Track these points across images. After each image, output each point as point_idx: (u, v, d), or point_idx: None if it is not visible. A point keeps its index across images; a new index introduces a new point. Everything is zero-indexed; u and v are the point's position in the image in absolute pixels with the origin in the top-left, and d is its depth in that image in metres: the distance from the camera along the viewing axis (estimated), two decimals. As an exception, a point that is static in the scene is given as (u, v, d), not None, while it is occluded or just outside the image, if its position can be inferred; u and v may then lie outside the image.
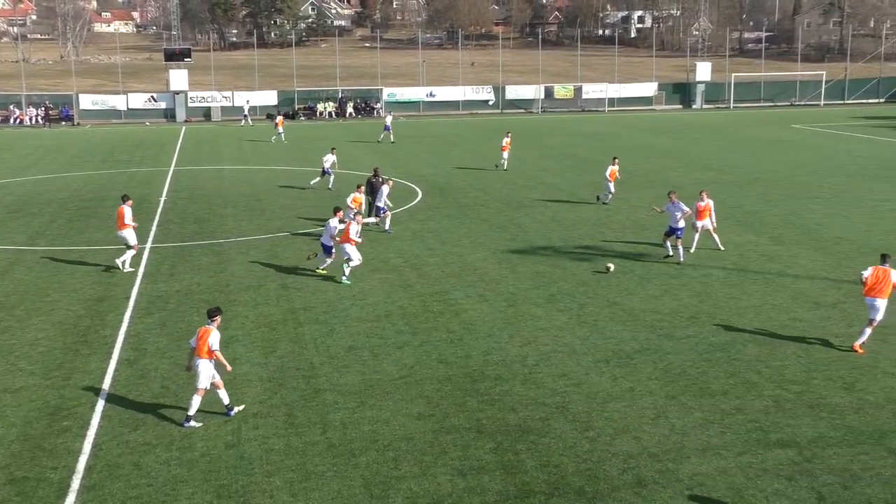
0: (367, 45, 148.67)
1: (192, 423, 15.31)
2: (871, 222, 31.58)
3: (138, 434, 15.08)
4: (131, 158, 52.97)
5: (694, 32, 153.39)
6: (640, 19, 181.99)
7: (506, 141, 46.21)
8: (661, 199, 35.90)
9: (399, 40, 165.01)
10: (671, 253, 26.46)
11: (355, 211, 28.01)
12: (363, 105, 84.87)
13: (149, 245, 28.98)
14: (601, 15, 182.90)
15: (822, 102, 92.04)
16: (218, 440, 14.83)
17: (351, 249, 24.33)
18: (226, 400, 15.70)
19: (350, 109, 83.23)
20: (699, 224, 27.22)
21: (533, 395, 16.55)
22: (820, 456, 14.03)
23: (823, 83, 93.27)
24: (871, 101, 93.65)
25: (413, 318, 21.36)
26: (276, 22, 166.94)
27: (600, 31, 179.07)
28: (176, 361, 18.35)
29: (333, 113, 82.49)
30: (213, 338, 15.37)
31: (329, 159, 39.99)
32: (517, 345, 19.38)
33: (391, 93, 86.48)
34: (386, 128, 60.82)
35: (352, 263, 24.53)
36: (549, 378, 17.41)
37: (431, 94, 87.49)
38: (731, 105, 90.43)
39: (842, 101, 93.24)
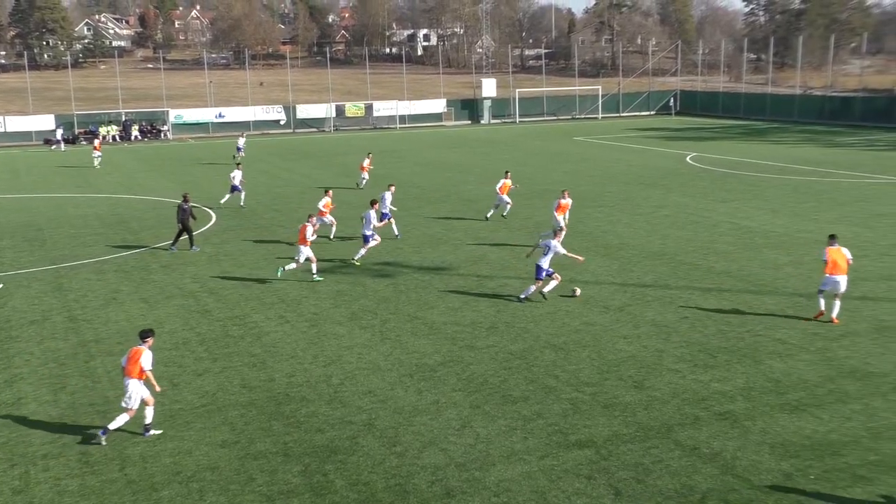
0: (150, 66, 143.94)
1: (104, 439, 15.32)
2: (650, 228, 33.50)
3: (-87, 489, 13.90)
4: None
5: (478, 50, 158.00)
6: (426, 37, 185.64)
7: (366, 161, 46.49)
8: (462, 209, 36.76)
9: (183, 61, 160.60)
10: (539, 291, 23.78)
11: (322, 221, 31.06)
12: (149, 128, 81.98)
13: (-84, 283, 26.80)
14: (388, 34, 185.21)
15: (600, 115, 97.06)
16: (3, 486, 13.88)
17: (306, 250, 25.89)
18: (149, 419, 15.63)
19: (135, 132, 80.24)
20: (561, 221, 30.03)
21: (339, 415, 16.49)
22: (615, 453, 14.73)
23: (600, 97, 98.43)
24: (643, 113, 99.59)
25: (213, 343, 20.81)
26: (48, 43, 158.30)
27: (388, 50, 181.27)
28: (-47, 407, 17.08)
29: (118, 136, 79.23)
30: (146, 358, 15.49)
31: (237, 175, 40.24)
32: (321, 365, 19.25)
33: (178, 115, 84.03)
34: (238, 148, 59.66)
35: (299, 263, 26.12)
36: (355, 396, 17.40)
37: (221, 116, 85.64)
38: (517, 119, 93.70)
39: (617, 114, 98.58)
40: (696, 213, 36.55)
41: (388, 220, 31.67)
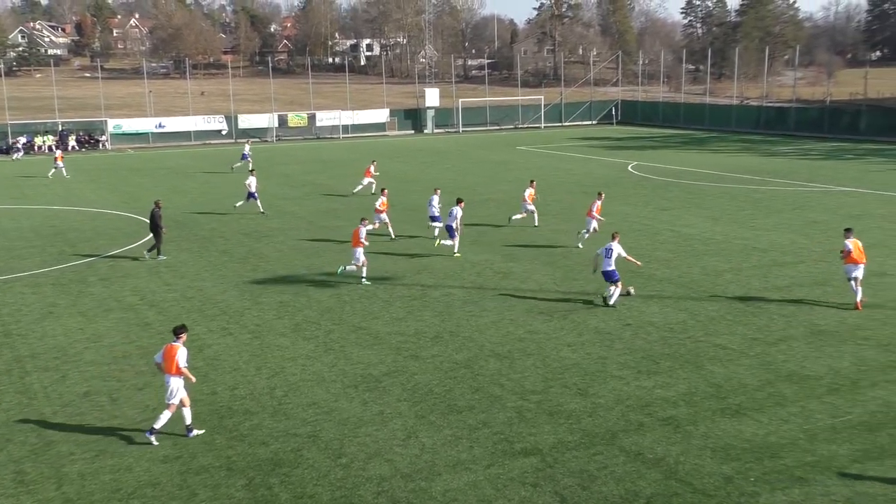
0: (88, 74, 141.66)
1: (153, 439, 15.61)
2: (593, 236, 33.67)
3: None
4: None
5: (421, 60, 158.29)
6: (369, 47, 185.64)
7: (371, 167, 47.44)
8: (405, 218, 36.69)
9: (122, 70, 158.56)
10: (606, 296, 24.20)
11: (383, 220, 33.45)
12: (87, 138, 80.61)
13: None
14: (330, 43, 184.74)
15: (543, 125, 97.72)
16: (-62, 508, 13.51)
17: (359, 252, 26.69)
18: (188, 420, 15.89)
19: (73, 143, 78.84)
20: (594, 223, 31.94)
21: (283, 427, 16.34)
22: (560, 460, 14.80)
23: (542, 107, 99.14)
24: (585, 122, 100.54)
25: (153, 357, 20.45)
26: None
27: (330, 59, 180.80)
28: None
29: (54, 147, 77.69)
30: (181, 354, 15.74)
31: (252, 182, 40.63)
32: (265, 377, 19.07)
33: (117, 124, 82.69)
34: (244, 156, 58.88)
35: (358, 266, 26.86)
36: (299, 408, 17.26)
37: (161, 125, 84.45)
38: (461, 129, 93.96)
39: (560, 124, 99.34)
40: (638, 221, 36.96)
41: (440, 222, 32.82)
